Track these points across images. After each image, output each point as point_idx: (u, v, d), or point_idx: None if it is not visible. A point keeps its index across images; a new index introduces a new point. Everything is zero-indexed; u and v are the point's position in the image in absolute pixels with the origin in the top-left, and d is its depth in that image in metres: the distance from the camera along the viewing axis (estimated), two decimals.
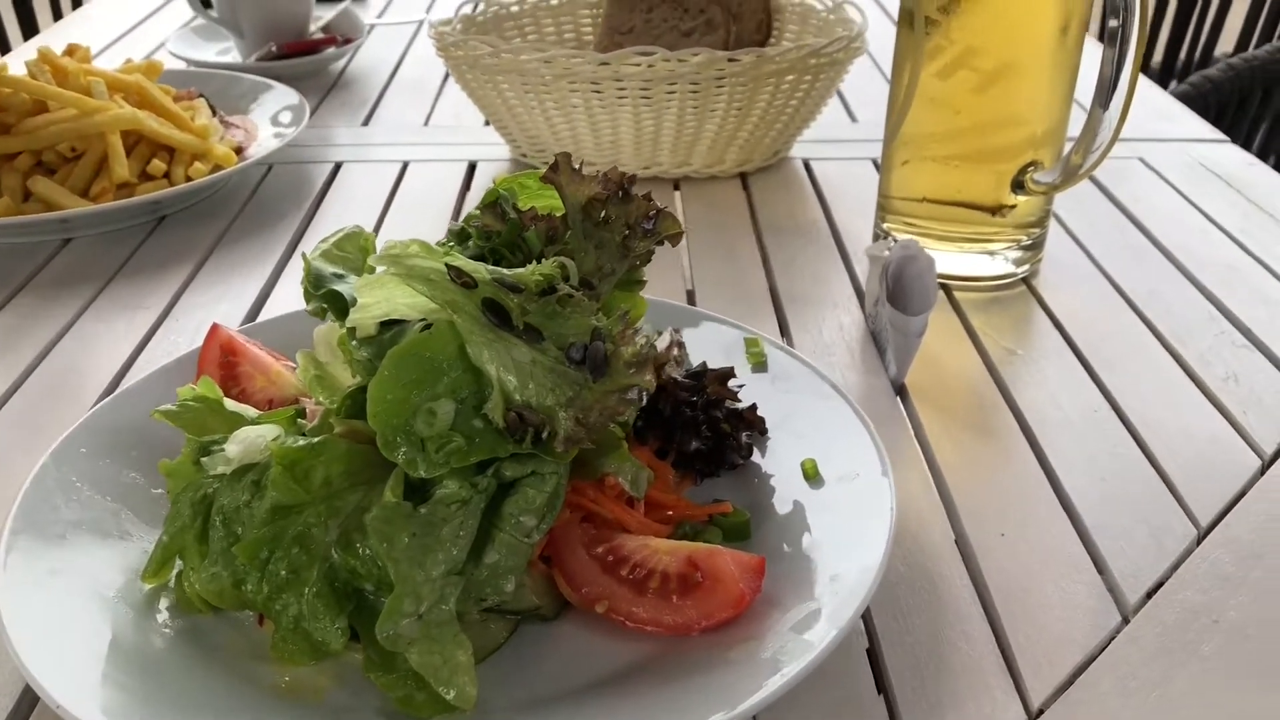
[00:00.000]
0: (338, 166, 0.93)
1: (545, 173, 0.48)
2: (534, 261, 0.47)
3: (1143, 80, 1.12)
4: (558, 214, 0.49)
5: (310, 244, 0.80)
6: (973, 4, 0.68)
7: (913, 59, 0.71)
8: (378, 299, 0.45)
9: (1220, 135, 0.98)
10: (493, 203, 0.49)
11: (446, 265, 0.44)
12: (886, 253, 0.65)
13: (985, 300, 0.72)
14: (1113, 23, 0.62)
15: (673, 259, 0.78)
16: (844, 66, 0.87)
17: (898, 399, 0.62)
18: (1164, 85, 2.15)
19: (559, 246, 0.48)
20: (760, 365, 0.58)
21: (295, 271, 0.75)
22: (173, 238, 0.81)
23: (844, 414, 0.53)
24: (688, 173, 0.89)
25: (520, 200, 0.51)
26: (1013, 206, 0.71)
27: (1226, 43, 2.14)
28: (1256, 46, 2.04)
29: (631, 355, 0.44)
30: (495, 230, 0.49)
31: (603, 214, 0.49)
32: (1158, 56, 2.16)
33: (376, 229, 0.83)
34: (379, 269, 0.44)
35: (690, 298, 0.73)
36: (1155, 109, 1.04)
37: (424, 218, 0.84)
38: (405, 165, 0.93)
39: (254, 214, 0.85)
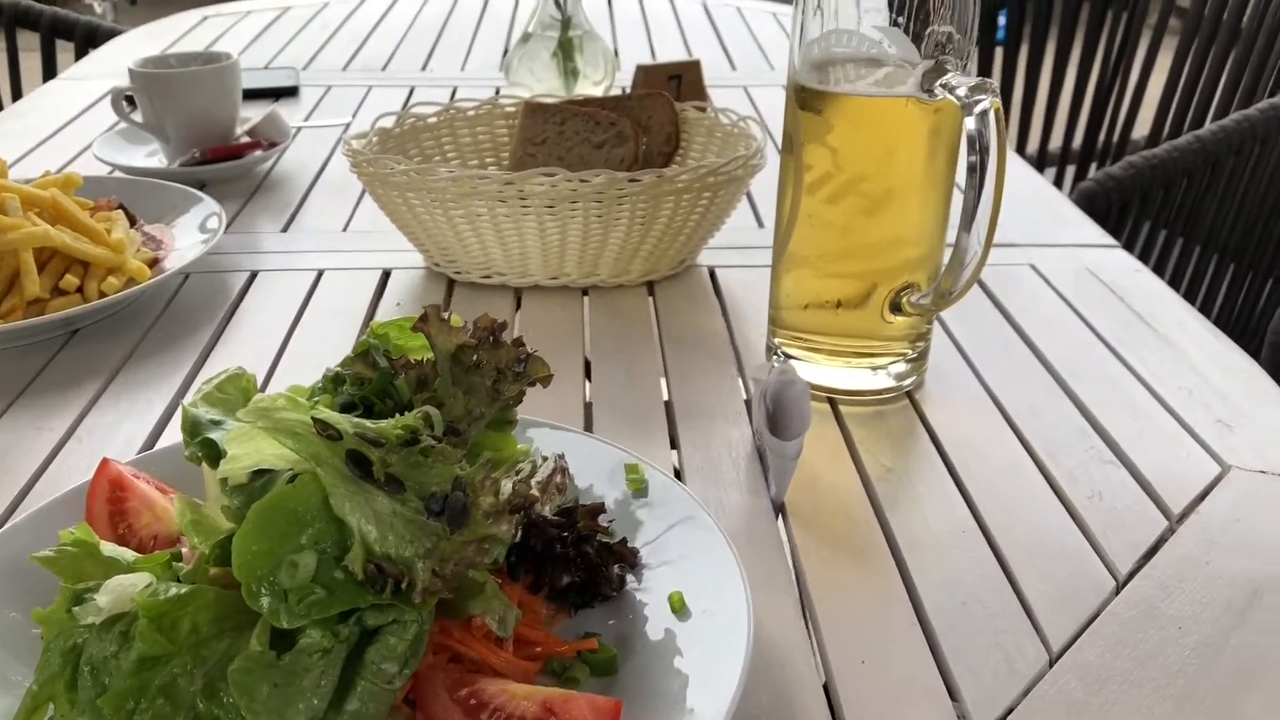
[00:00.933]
0: (254, 275, 0.95)
1: (416, 323, 0.50)
2: (402, 411, 0.49)
3: (1042, 183, 1.17)
4: (430, 359, 0.51)
5: (219, 361, 0.81)
6: (842, 132, 0.71)
7: (794, 181, 0.75)
8: (246, 451, 0.47)
9: (1110, 240, 1.02)
10: (364, 351, 0.51)
11: (312, 418, 0.46)
12: (771, 373, 0.67)
13: (869, 414, 0.75)
14: (971, 158, 0.66)
15: (574, 370, 0.80)
16: (744, 182, 0.90)
17: (777, 519, 0.64)
18: (1084, 168, 2.23)
19: (427, 394, 0.50)
20: (640, 490, 0.60)
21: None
22: (84, 352, 0.83)
23: (716, 544, 0.55)
24: (595, 282, 0.92)
25: (395, 344, 0.53)
26: (891, 322, 0.74)
27: (1144, 124, 2.22)
28: (1171, 127, 2.13)
29: (490, 506, 0.46)
30: (367, 378, 0.51)
31: (474, 359, 0.51)
32: (1077, 141, 2.24)
33: (286, 341, 0.84)
34: (249, 422, 0.46)
35: (588, 410, 0.75)
36: (1051, 213, 1.09)
37: (334, 328, 0.86)
38: (321, 273, 0.95)
39: (167, 327, 0.87)
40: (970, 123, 0.65)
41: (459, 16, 1.90)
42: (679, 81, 1.40)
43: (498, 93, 1.45)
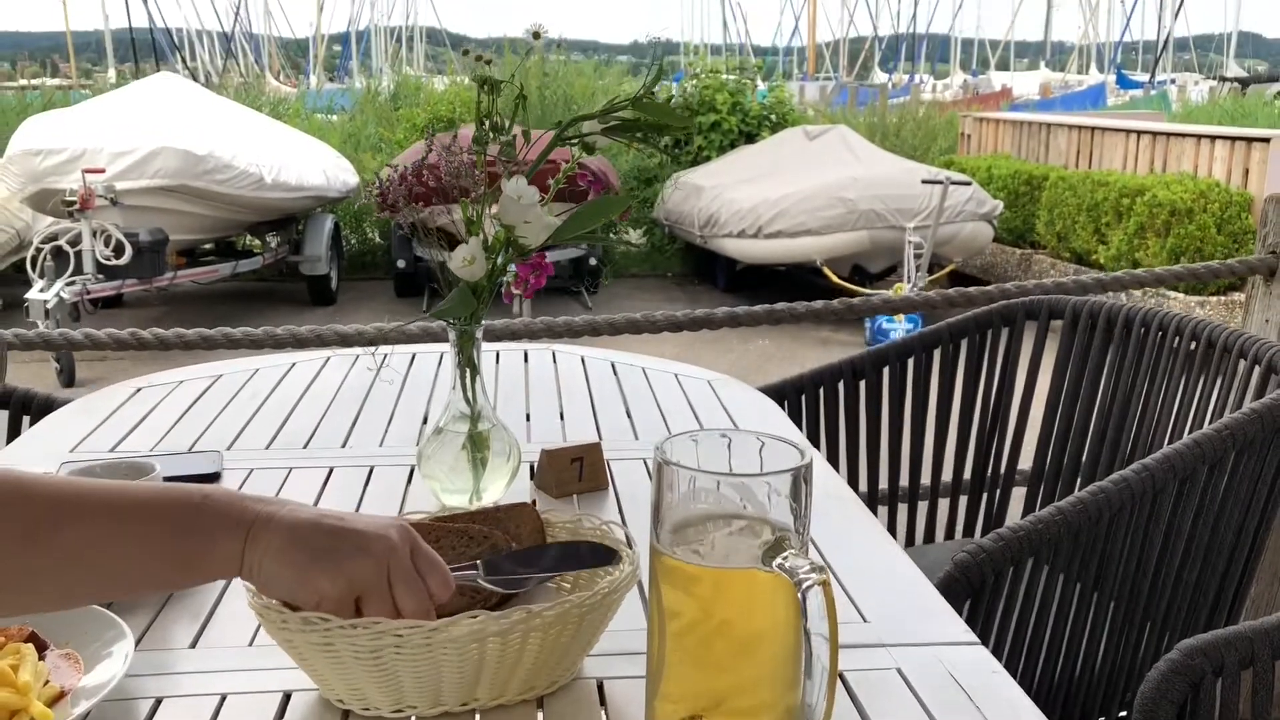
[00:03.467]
0: (158, 703, 0.98)
1: None
2: None
3: (912, 572, 1.26)
4: None
5: None
6: (698, 590, 0.80)
7: (659, 619, 0.83)
8: None
9: (971, 638, 1.10)
10: None
11: None
12: None
13: None
14: (804, 625, 0.74)
15: None
16: (614, 606, 0.98)
17: None
18: (977, 498, 2.37)
19: None
20: None
21: None
22: None
23: None
24: (475, 707, 0.96)
25: None
26: None
27: (1027, 458, 2.39)
28: (1052, 458, 2.29)
29: None
30: None
31: None
32: (967, 473, 2.39)
33: None
34: None
35: None
36: (917, 605, 1.17)
37: None
38: (223, 698, 0.99)
39: None
40: (800, 597, 0.74)
41: (381, 385, 2.02)
42: (581, 463, 1.51)
43: (411, 473, 1.54)
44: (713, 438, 0.84)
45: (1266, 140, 6.56)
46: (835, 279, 7.56)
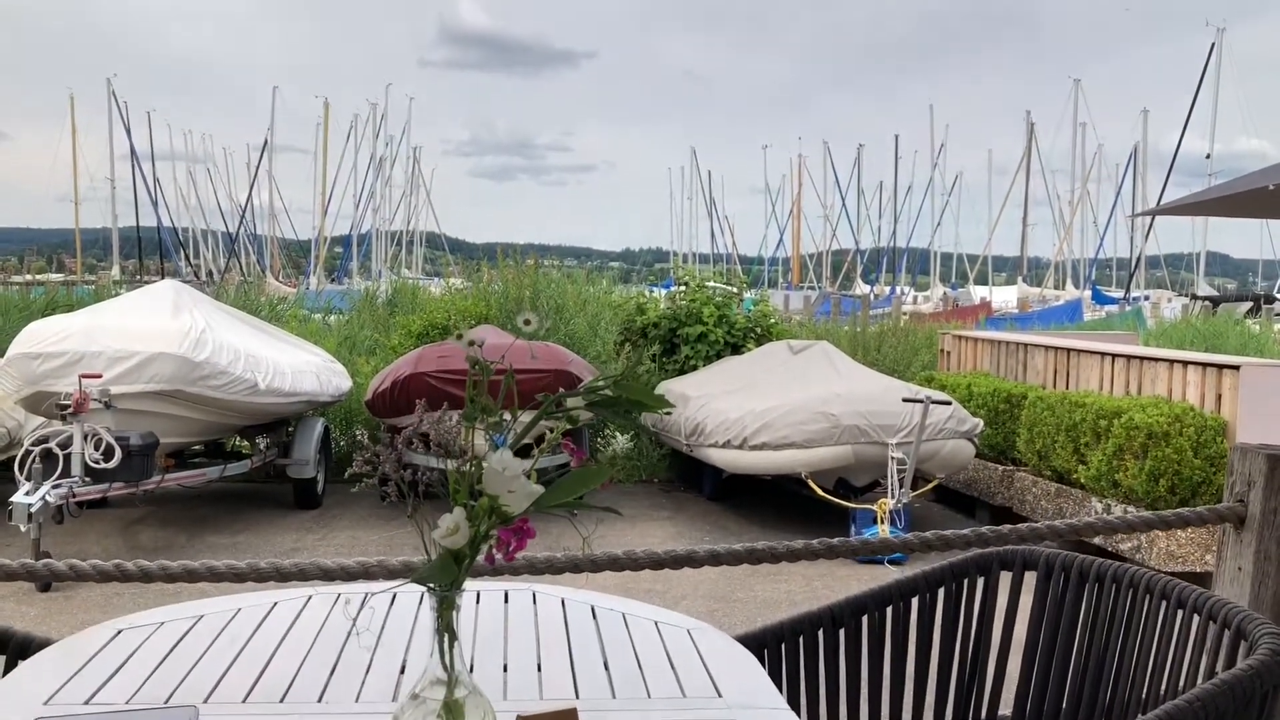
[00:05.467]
0: None
1: None
2: None
3: None
4: None
5: None
6: None
7: None
8: None
9: None
10: None
11: None
12: None
13: None
14: None
15: None
16: None
17: None
18: None
19: None
20: None
21: None
22: None
23: None
24: None
25: None
26: None
27: (1007, 701, 2.38)
28: (1032, 706, 2.28)
29: None
30: None
31: None
32: (949, 715, 2.37)
33: None
34: None
35: None
36: None
37: None
38: None
39: None
40: None
41: (362, 628, 2.03)
42: None
43: None
44: None
45: (1236, 368, 6.76)
46: (820, 492, 7.60)
